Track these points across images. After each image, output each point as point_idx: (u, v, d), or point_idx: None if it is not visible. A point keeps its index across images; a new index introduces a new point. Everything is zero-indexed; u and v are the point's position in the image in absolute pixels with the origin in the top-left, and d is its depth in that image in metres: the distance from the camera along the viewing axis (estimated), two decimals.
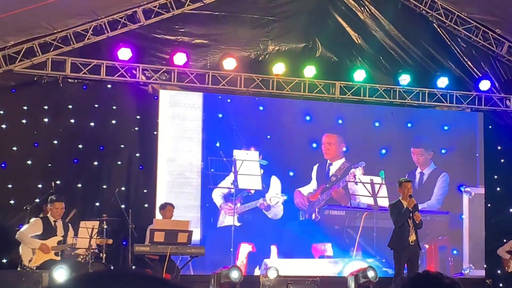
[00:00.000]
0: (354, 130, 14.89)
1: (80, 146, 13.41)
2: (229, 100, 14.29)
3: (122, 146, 13.66)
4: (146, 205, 13.50)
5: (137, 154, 13.72)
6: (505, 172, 15.64)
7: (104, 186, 13.43)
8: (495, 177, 15.63)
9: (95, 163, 13.48)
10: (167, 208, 12.49)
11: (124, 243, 12.27)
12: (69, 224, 11.37)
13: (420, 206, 12.51)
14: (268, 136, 14.35)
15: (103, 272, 1.41)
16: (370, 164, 14.73)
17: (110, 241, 11.41)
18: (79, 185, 13.32)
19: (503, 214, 15.43)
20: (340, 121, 14.86)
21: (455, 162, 15.25)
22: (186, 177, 13.77)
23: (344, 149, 14.73)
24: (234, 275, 11.89)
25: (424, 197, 14.73)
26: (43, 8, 11.40)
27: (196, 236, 12.90)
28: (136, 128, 13.76)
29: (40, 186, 12.91)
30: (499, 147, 15.75)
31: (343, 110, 14.96)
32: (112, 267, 11.60)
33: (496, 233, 14.98)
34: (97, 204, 13.25)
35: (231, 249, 13.71)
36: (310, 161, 14.51)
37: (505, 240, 14.27)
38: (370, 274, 12.51)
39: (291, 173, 14.37)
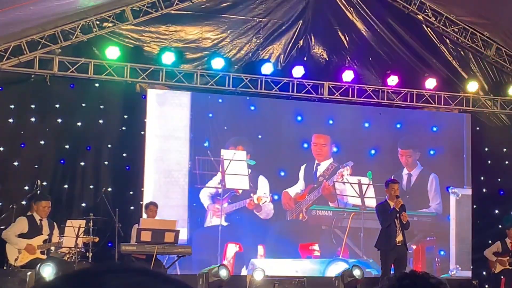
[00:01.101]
0: (344, 130, 14.89)
1: (67, 146, 13.34)
2: (220, 100, 14.28)
3: (109, 146, 13.61)
4: (132, 208, 13.44)
5: (124, 154, 13.67)
6: (492, 174, 15.68)
7: (91, 187, 13.38)
8: (482, 178, 15.66)
9: (82, 163, 13.42)
10: (149, 207, 12.47)
11: (109, 244, 12.21)
12: (55, 223, 11.32)
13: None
14: (259, 136, 14.34)
15: (103, 267, 1.38)
16: (359, 164, 14.73)
17: (96, 239, 11.38)
18: (66, 186, 13.26)
19: (489, 215, 15.46)
20: (330, 122, 14.86)
21: (442, 163, 15.27)
22: (173, 177, 13.73)
23: (335, 149, 14.72)
24: (223, 273, 11.88)
25: (414, 199, 14.74)
26: (33, 12, 11.34)
27: (183, 236, 12.87)
28: (124, 128, 13.71)
29: (26, 188, 12.80)
30: (486, 149, 15.78)
31: (334, 110, 14.96)
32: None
33: (483, 235, 15.01)
34: (84, 204, 13.20)
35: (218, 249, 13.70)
36: (300, 162, 14.51)
37: (491, 242, 14.31)
38: (356, 272, 12.52)
39: (282, 173, 14.36)
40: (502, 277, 13.76)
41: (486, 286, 14.85)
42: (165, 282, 1.37)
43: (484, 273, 14.69)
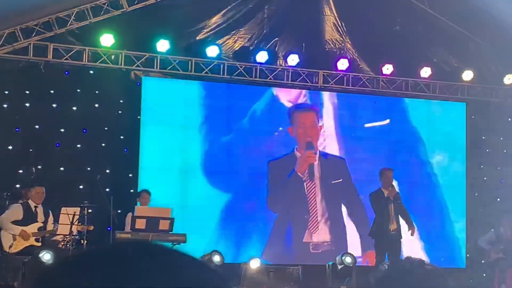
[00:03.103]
0: None
1: (62, 130, 13.33)
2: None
3: (106, 128, 13.60)
4: (131, 190, 13.43)
5: (121, 137, 13.68)
6: (491, 162, 15.72)
7: (88, 169, 13.38)
8: (482, 166, 15.71)
9: (78, 145, 13.41)
10: (142, 195, 12.47)
11: (109, 228, 12.19)
12: (50, 211, 11.30)
13: None
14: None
15: (127, 245, 1.34)
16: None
17: (92, 228, 11.36)
18: (62, 169, 13.25)
19: (489, 204, 15.49)
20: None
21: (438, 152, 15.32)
22: (169, 162, 13.73)
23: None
24: (216, 259, 11.89)
25: None
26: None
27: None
28: (120, 112, 13.71)
29: (21, 171, 12.83)
30: (483, 137, 15.81)
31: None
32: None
33: (479, 223, 15.03)
34: (81, 187, 13.21)
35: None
36: None
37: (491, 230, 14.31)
38: (347, 260, 12.53)
39: None
40: (496, 268, 13.78)
41: (484, 275, 14.84)
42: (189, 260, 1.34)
43: (481, 262, 14.69)
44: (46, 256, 10.35)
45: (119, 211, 12.18)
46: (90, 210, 11.53)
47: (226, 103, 14.29)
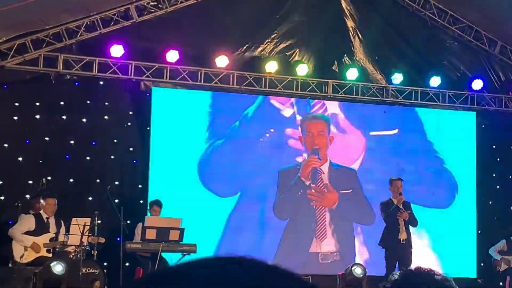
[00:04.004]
0: None
1: (72, 142, 13.38)
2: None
3: (115, 140, 13.64)
4: (141, 201, 13.46)
5: (131, 149, 13.71)
6: (502, 171, 15.70)
7: (97, 181, 13.41)
8: (493, 175, 15.69)
9: (88, 158, 13.45)
10: (153, 207, 12.49)
11: (118, 239, 12.20)
12: (62, 221, 11.33)
13: None
14: (267, 135, 14.33)
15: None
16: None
17: (102, 240, 11.37)
18: (71, 180, 13.29)
19: (501, 213, 15.45)
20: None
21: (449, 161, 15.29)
22: (178, 173, 13.75)
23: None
24: None
25: None
26: (36, 3, 11.34)
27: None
28: (129, 124, 13.74)
29: (31, 182, 12.87)
30: (494, 146, 15.79)
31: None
32: (105, 264, 11.58)
33: (491, 232, 14.99)
34: (90, 198, 13.25)
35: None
36: None
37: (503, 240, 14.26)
38: (357, 271, 12.51)
39: None
40: (507, 276, 13.74)
41: (492, 285, 14.80)
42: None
43: (491, 271, 14.64)
44: (57, 267, 10.37)
45: (128, 221, 12.19)
46: (99, 221, 11.54)
47: (234, 112, 14.30)
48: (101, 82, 13.61)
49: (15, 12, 11.44)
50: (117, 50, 13.36)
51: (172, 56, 13.69)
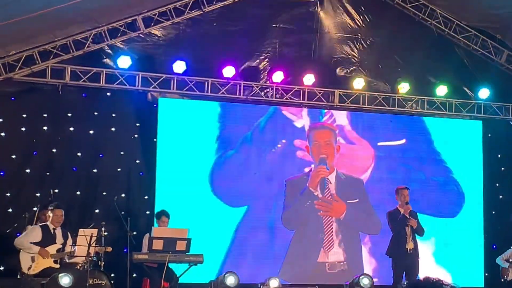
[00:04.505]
0: None
1: (79, 154, 13.40)
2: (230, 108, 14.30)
3: (122, 153, 13.65)
4: (147, 212, 13.48)
5: (137, 161, 13.72)
6: (507, 180, 15.66)
7: (104, 193, 13.42)
8: (497, 185, 15.66)
9: (95, 170, 13.47)
10: (161, 218, 12.51)
11: (125, 250, 12.21)
12: (69, 233, 11.34)
13: None
14: (278, 145, 14.34)
15: None
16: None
17: (109, 249, 11.37)
18: (78, 193, 13.31)
19: (505, 221, 15.42)
20: None
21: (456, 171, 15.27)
22: (185, 183, 13.76)
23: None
24: (230, 280, 11.86)
25: None
26: (44, 16, 11.39)
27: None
28: (136, 135, 13.76)
29: (38, 194, 12.90)
30: (499, 155, 15.76)
31: None
32: (112, 275, 11.60)
33: (497, 241, 14.97)
34: (97, 211, 13.25)
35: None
36: None
37: (505, 250, 14.26)
38: (364, 281, 12.49)
39: None
40: None
41: None
42: None
43: (498, 280, 14.61)
44: (65, 279, 10.39)
45: (135, 232, 12.19)
46: (106, 233, 11.55)
47: (245, 122, 14.31)
48: (108, 93, 13.64)
49: (25, 25, 11.48)
50: (124, 61, 13.40)
51: (179, 66, 13.73)
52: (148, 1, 13.42)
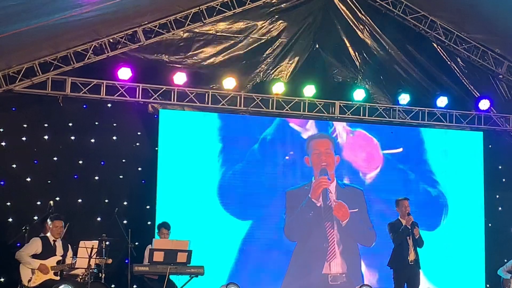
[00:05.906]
0: None
1: (80, 162, 13.42)
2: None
3: (123, 160, 13.67)
4: (149, 223, 13.48)
5: (139, 168, 13.73)
6: (507, 192, 15.64)
7: (106, 201, 13.43)
8: (497, 196, 15.64)
9: (96, 177, 13.49)
10: (161, 230, 12.52)
11: (126, 261, 12.19)
12: (69, 245, 11.32)
13: None
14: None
15: None
16: None
17: (110, 261, 11.35)
18: (80, 201, 13.32)
19: (504, 233, 15.41)
20: None
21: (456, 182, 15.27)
22: (186, 194, 13.76)
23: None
24: None
25: None
26: (45, 28, 11.40)
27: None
28: (138, 144, 13.78)
29: (39, 203, 12.90)
30: (500, 167, 15.76)
31: None
32: (113, 287, 11.58)
33: (497, 253, 14.95)
34: (99, 219, 13.26)
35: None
36: None
37: (506, 260, 14.24)
38: None
39: None
40: None
41: None
42: None
43: None
44: None
45: (136, 243, 12.18)
46: (107, 243, 11.54)
47: (242, 133, 14.32)
48: (109, 105, 13.66)
49: (25, 37, 11.48)
50: (124, 73, 13.42)
51: (180, 78, 13.75)
52: (148, 13, 13.43)
